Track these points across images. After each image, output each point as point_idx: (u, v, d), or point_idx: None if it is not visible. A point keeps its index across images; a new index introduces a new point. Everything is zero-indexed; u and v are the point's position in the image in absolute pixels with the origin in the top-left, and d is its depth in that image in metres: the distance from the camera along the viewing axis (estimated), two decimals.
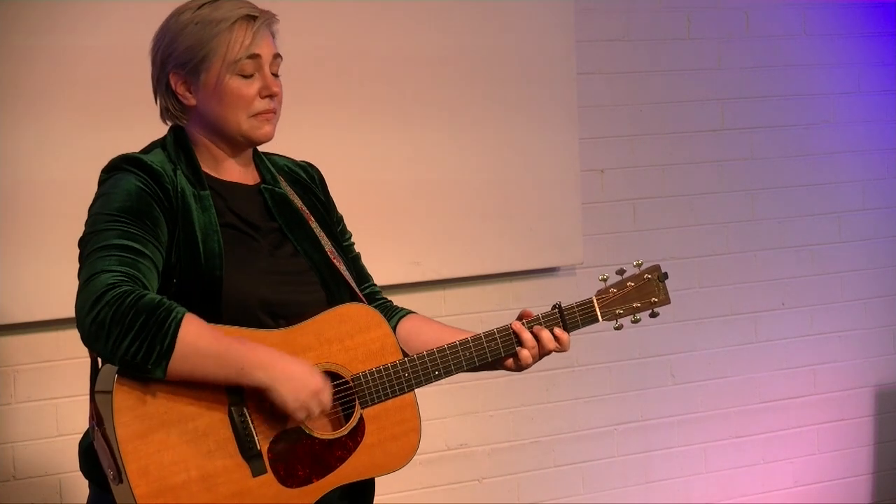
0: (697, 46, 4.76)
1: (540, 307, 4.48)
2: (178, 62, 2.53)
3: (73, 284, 2.44)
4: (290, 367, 2.42)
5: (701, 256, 4.81)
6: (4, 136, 3.72)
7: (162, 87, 2.58)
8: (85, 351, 2.46)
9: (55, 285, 3.72)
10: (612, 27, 4.61)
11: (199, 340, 2.36)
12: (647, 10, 4.66)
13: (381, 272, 4.14)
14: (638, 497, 4.73)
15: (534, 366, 2.72)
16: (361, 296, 2.68)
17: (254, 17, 2.54)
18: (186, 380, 2.38)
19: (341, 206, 2.82)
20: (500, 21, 4.32)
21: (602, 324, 2.76)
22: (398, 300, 2.89)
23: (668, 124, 4.73)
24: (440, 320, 2.85)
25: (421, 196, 4.24)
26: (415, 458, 2.60)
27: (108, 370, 2.40)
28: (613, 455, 4.70)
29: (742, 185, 4.86)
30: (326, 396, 2.45)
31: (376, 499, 2.66)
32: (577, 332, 2.70)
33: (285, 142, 2.81)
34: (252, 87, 2.54)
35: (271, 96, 2.56)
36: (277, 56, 2.59)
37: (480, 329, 2.70)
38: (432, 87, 4.25)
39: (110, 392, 2.37)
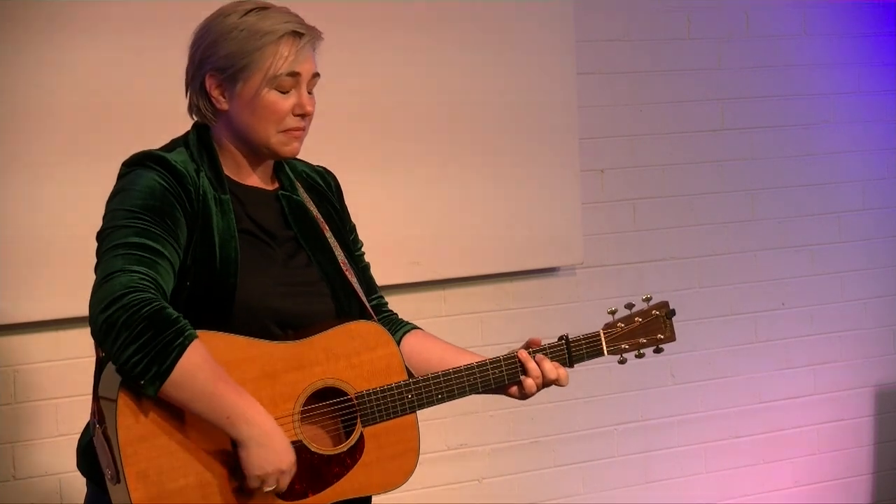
0: (697, 46, 4.76)
1: (540, 307, 4.52)
2: (216, 66, 2.51)
3: (74, 285, 2.44)
4: (271, 435, 2.39)
5: (701, 256, 4.81)
6: (5, 136, 3.72)
7: (196, 85, 2.55)
8: (85, 351, 2.46)
9: (55, 286, 3.72)
10: (612, 27, 4.61)
11: (198, 374, 2.34)
12: (647, 10, 4.66)
13: (381, 272, 4.14)
14: (638, 497, 4.73)
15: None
16: (370, 308, 2.68)
17: (300, 34, 2.52)
18: (175, 405, 2.37)
19: None
20: (500, 21, 4.32)
21: (617, 358, 2.78)
22: (398, 300, 2.89)
23: (668, 124, 4.73)
24: (440, 320, 2.85)
25: (421, 196, 4.24)
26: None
27: (113, 374, 2.40)
28: (613, 455, 4.70)
29: (742, 185, 4.86)
30: (286, 480, 2.42)
31: (376, 498, 2.67)
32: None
33: None
34: (287, 103, 2.53)
35: (304, 115, 2.55)
36: (316, 75, 2.57)
37: (480, 329, 2.70)
38: (432, 86, 4.25)
39: (115, 394, 2.37)
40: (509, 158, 4.37)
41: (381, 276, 2.84)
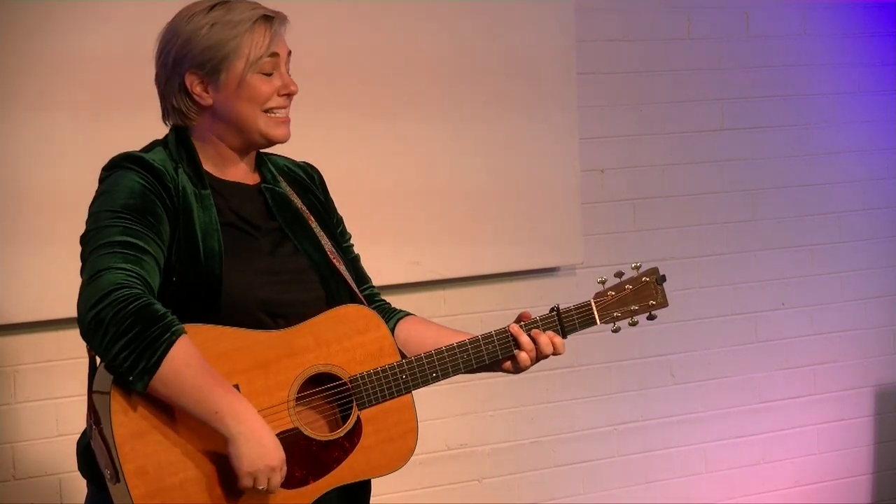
0: (697, 46, 4.76)
1: (540, 307, 4.48)
2: (195, 63, 2.54)
3: (74, 285, 2.44)
4: (261, 431, 2.40)
5: (701, 256, 4.81)
6: (5, 136, 3.72)
7: (174, 88, 2.58)
8: (85, 351, 2.46)
9: (56, 285, 3.72)
10: (612, 27, 4.61)
11: (186, 369, 2.35)
12: (647, 10, 4.66)
13: (381, 272, 4.13)
14: (638, 497, 4.73)
15: (534, 366, 2.72)
16: (361, 296, 2.68)
17: (270, 18, 2.58)
18: (164, 400, 2.37)
19: (342, 207, 2.82)
20: (500, 21, 4.32)
21: (611, 327, 2.77)
22: (398, 300, 2.89)
23: (668, 124, 4.73)
24: (440, 320, 2.85)
25: (421, 196, 4.24)
26: (415, 458, 2.60)
27: (106, 371, 2.40)
28: (613, 455, 4.70)
29: (742, 185, 4.86)
30: (277, 478, 2.42)
31: (376, 498, 2.66)
32: (574, 334, 2.71)
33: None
34: (272, 85, 2.57)
35: (289, 94, 2.60)
36: (289, 53, 2.62)
37: (480, 329, 2.70)
38: (432, 87, 4.25)
39: (108, 392, 2.37)
40: (509, 158, 4.37)
41: (381, 276, 2.84)
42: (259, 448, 2.39)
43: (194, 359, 2.36)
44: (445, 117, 4.27)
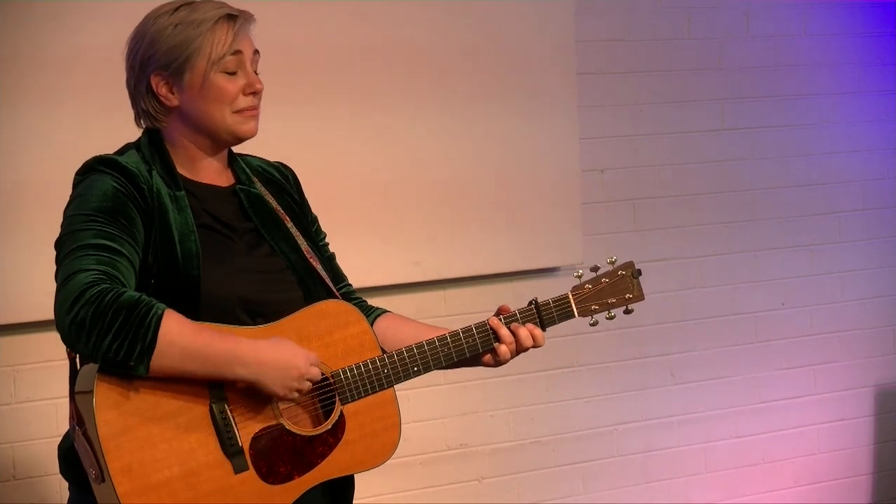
0: (697, 46, 4.76)
1: None
2: (160, 64, 2.55)
3: None
4: (270, 355, 2.43)
5: (701, 256, 4.81)
6: (6, 135, 3.73)
7: (142, 90, 2.59)
8: None
9: (55, 286, 3.72)
10: (612, 27, 4.61)
11: (181, 337, 2.36)
12: (647, 10, 4.66)
13: (381, 272, 4.14)
14: (638, 497, 4.73)
15: (533, 365, 2.72)
16: (338, 294, 2.69)
17: (234, 17, 2.58)
18: (169, 376, 2.38)
19: (342, 207, 2.83)
20: (500, 21, 4.32)
21: (588, 320, 2.78)
22: (398, 300, 2.90)
23: (668, 124, 4.73)
24: (440, 320, 2.85)
25: (421, 196, 4.24)
26: (415, 457, 2.60)
27: (89, 370, 2.42)
28: (613, 455, 4.70)
29: (742, 185, 4.86)
30: (315, 371, 2.47)
31: (378, 498, 2.67)
32: (573, 334, 2.71)
33: (283, 141, 2.82)
34: (236, 84, 2.57)
35: (255, 93, 2.59)
36: (256, 52, 2.62)
37: None
38: (432, 87, 4.25)
39: (91, 392, 2.38)
40: (509, 158, 4.37)
41: (381, 276, 2.85)
42: (279, 372, 2.42)
43: (186, 325, 2.38)
44: (446, 117, 4.27)
